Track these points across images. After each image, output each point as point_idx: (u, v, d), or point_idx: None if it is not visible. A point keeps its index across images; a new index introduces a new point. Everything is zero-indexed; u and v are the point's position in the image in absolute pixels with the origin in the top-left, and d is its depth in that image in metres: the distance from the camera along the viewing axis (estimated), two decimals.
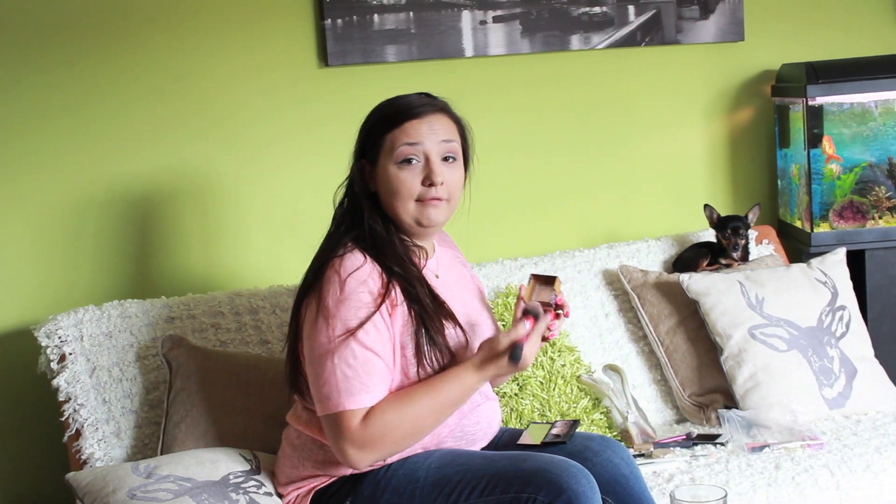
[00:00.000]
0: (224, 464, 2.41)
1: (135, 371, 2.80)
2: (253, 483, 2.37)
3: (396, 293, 2.26)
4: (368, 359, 2.19)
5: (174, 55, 3.22)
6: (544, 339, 2.35)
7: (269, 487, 2.40)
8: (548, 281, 2.36)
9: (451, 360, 2.29)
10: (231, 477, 2.37)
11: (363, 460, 2.19)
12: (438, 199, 2.33)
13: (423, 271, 2.36)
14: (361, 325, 2.19)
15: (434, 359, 2.26)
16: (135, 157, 3.19)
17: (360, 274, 2.23)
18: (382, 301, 2.23)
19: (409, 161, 2.30)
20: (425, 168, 2.31)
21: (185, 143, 3.25)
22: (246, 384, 2.72)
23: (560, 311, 2.35)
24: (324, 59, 3.36)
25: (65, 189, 3.13)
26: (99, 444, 2.69)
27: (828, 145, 3.56)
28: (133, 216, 3.20)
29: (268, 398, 2.69)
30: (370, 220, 2.32)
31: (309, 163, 3.36)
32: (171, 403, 2.69)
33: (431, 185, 2.31)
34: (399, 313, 2.26)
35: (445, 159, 2.34)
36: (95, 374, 2.76)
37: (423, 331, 2.26)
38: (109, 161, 3.17)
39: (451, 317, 2.32)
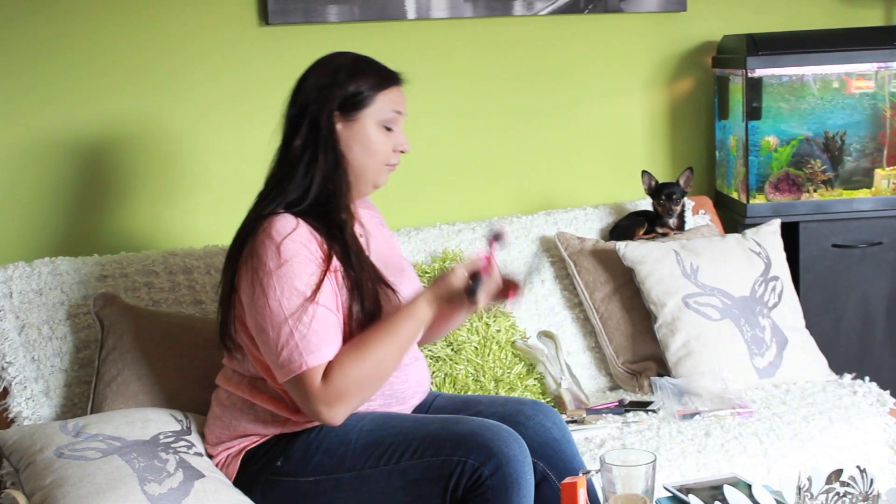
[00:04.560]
0: (154, 423, 2.40)
1: (65, 329, 2.76)
2: (183, 443, 2.36)
3: (335, 261, 2.25)
4: (321, 314, 2.19)
5: (120, 8, 3.19)
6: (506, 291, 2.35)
7: (199, 448, 2.38)
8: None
9: None
10: (161, 437, 2.35)
11: (336, 416, 2.19)
12: (395, 165, 2.39)
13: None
14: (310, 284, 2.19)
15: (363, 326, 2.26)
16: (70, 111, 3.16)
17: (296, 236, 2.22)
18: (327, 265, 2.23)
19: (389, 128, 2.35)
20: (397, 136, 2.37)
21: (128, 99, 3.21)
22: (179, 344, 2.70)
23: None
24: (264, 17, 3.33)
25: None
26: (27, 402, 2.66)
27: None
28: (66, 171, 3.16)
29: (201, 359, 2.67)
30: (339, 179, 2.31)
31: (246, 123, 3.33)
32: (103, 362, 2.66)
33: (401, 152, 2.38)
34: (337, 277, 2.25)
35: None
36: (24, 331, 2.73)
37: (358, 298, 2.25)
38: (41, 114, 3.13)
39: (385, 283, 2.33)
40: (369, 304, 2.26)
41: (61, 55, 3.15)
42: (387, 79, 2.35)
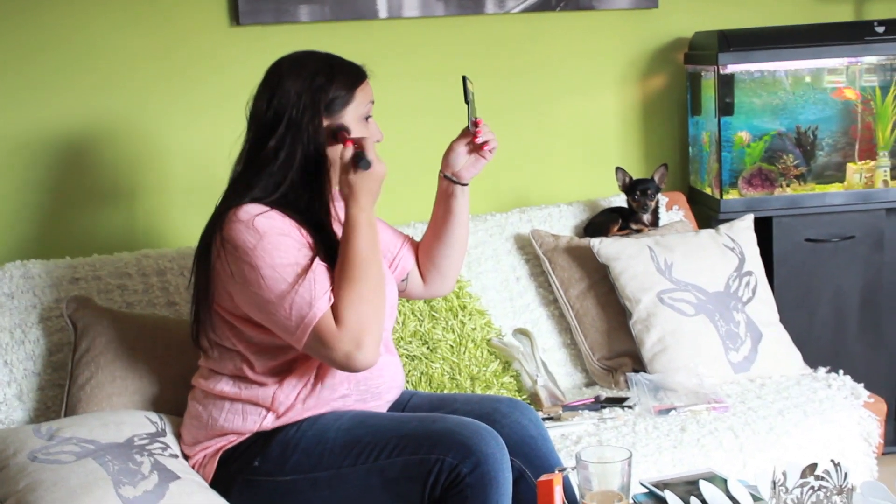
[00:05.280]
0: (129, 426, 2.38)
1: (38, 333, 2.75)
2: (158, 445, 2.34)
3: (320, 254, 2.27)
4: (315, 265, 2.21)
5: (89, 11, 3.18)
6: (480, 148, 2.51)
7: (175, 449, 2.37)
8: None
9: None
10: (136, 439, 2.34)
11: (368, 352, 2.18)
12: None
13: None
14: (295, 246, 2.22)
15: None
16: (40, 113, 3.14)
17: (268, 215, 2.24)
18: (314, 254, 2.24)
19: (367, 118, 2.39)
20: (373, 125, 2.41)
21: (98, 100, 3.20)
22: (153, 346, 2.69)
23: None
24: (235, 17, 3.31)
25: None
26: (0, 406, 2.64)
27: None
28: (36, 173, 3.15)
29: (175, 360, 2.66)
30: (318, 175, 2.32)
31: (218, 123, 3.31)
32: (76, 365, 2.65)
33: (376, 141, 2.41)
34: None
35: None
36: None
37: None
38: (9, 116, 3.12)
39: None
40: None
41: (32, 59, 3.13)
42: (358, 75, 2.39)
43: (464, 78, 2.51)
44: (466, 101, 2.51)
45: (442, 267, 2.64)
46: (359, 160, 2.26)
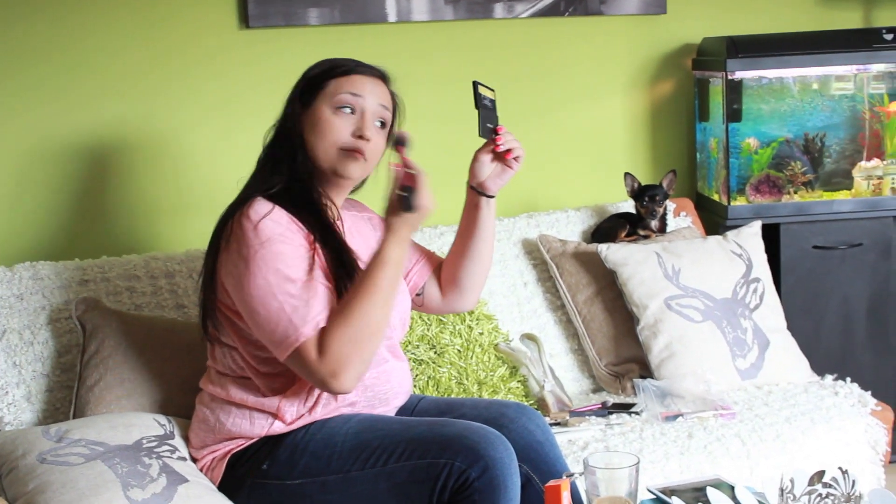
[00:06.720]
0: (137, 428, 2.38)
1: (46, 334, 2.75)
2: (167, 448, 2.35)
3: (318, 250, 2.26)
4: (310, 285, 2.20)
5: (99, 15, 3.18)
6: (504, 157, 2.48)
7: (183, 452, 2.38)
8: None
9: None
10: (144, 441, 2.34)
11: (344, 383, 2.15)
12: (361, 152, 2.35)
13: None
14: (295, 258, 2.21)
15: None
16: (51, 116, 3.15)
17: (274, 216, 2.24)
18: (312, 246, 2.25)
19: (344, 108, 2.35)
20: (359, 121, 2.35)
21: (109, 104, 3.22)
22: (161, 348, 2.69)
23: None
24: (244, 20, 3.32)
25: None
26: (8, 408, 2.64)
27: None
28: (46, 176, 3.15)
29: (184, 363, 2.66)
30: (300, 164, 2.33)
31: (227, 126, 3.32)
32: (85, 367, 2.65)
33: (360, 137, 2.34)
34: (319, 259, 2.27)
35: (375, 123, 2.39)
36: (5, 336, 2.71)
37: (340, 279, 2.26)
38: (22, 119, 3.12)
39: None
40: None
41: (45, 63, 3.14)
42: (347, 68, 2.38)
43: (474, 83, 2.48)
44: (477, 107, 2.48)
45: (460, 281, 2.59)
46: (404, 202, 2.20)
